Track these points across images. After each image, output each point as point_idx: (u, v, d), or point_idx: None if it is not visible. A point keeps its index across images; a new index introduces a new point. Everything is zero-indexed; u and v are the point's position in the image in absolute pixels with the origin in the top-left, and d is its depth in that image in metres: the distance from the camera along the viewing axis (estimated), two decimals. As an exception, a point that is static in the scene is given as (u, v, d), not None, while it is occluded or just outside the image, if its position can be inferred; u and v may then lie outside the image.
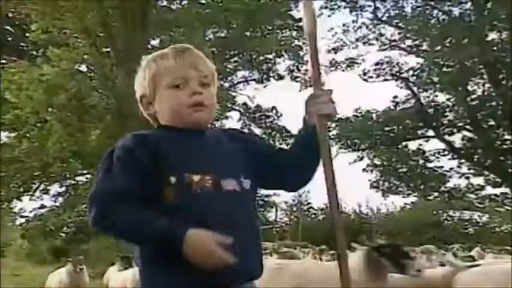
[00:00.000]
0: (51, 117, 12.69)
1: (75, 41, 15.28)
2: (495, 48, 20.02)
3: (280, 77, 20.87)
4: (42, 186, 17.19)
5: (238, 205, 1.37)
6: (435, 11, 21.31)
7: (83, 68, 15.64)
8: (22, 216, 17.53)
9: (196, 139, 1.42)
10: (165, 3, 17.59)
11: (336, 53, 21.98)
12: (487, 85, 20.73)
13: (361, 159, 22.13)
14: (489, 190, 20.41)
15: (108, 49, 15.28)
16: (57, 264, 15.43)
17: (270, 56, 20.02)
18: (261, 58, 19.95)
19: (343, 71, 21.71)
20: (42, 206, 17.62)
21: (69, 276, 7.07)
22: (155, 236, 1.26)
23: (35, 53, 16.97)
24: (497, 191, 20.22)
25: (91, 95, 12.33)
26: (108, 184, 1.32)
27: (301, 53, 20.63)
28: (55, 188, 18.25)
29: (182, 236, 1.23)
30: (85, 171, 17.82)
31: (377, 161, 22.40)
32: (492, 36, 20.29)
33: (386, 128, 21.96)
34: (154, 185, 1.31)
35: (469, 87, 21.05)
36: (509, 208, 16.55)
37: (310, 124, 1.46)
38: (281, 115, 21.19)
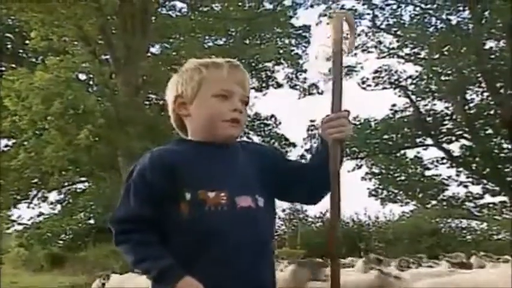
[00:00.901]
0: (49, 126, 12.68)
1: (75, 49, 15.31)
2: (493, 56, 20.13)
3: (279, 85, 20.92)
4: (40, 194, 17.15)
5: (251, 222, 1.38)
6: (433, 19, 21.44)
7: (82, 76, 15.67)
8: (20, 224, 17.46)
9: (216, 154, 1.43)
10: (164, 11, 17.67)
11: (334, 60, 22.00)
12: (485, 93, 20.81)
13: (360, 167, 22.15)
14: (488, 198, 20.43)
15: (108, 57, 15.32)
16: (54, 272, 15.39)
17: (269, 64, 20.08)
18: (260, 66, 20.00)
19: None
20: (40, 214, 17.57)
21: None
22: (155, 273, 1.32)
23: (34, 60, 17.01)
24: (496, 199, 20.23)
25: (89, 102, 12.32)
26: (123, 210, 1.39)
27: (300, 62, 20.72)
28: (53, 196, 18.23)
29: (177, 280, 1.29)
30: (83, 179, 17.81)
31: (375, 169, 22.41)
32: (490, 44, 20.42)
33: (385, 136, 21.99)
34: (170, 202, 1.35)
35: (467, 96, 21.14)
36: (508, 216, 16.53)
37: (325, 141, 1.49)
38: (280, 123, 21.19)
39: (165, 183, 1.36)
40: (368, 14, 21.86)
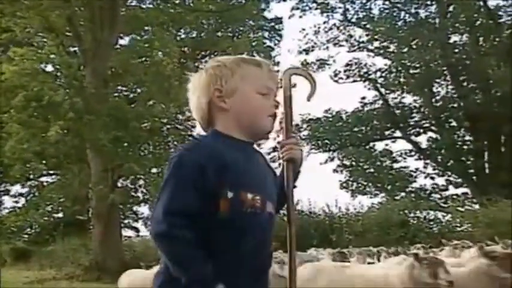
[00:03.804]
0: (11, 119, 12.28)
1: (40, 40, 14.84)
2: (457, 50, 20.67)
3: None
4: (2, 187, 16.66)
5: (271, 227, 1.45)
6: (402, 13, 21.81)
7: (49, 68, 15.23)
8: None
9: (252, 154, 1.49)
10: (134, 2, 17.29)
11: (307, 53, 22.22)
12: (450, 87, 21.37)
13: (332, 159, 22.43)
14: (452, 190, 21.05)
15: (76, 48, 14.93)
16: (19, 267, 14.99)
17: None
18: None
19: (314, 72, 21.95)
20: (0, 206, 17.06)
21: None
22: (192, 278, 1.30)
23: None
24: (459, 191, 20.88)
25: (55, 94, 11.98)
26: (179, 201, 1.33)
27: (273, 54, 20.73)
28: (16, 189, 17.75)
29: None
30: (50, 172, 17.38)
31: (347, 162, 22.73)
32: (454, 38, 20.96)
33: (355, 129, 22.31)
34: (211, 197, 1.35)
35: (434, 89, 21.64)
36: (470, 208, 17.12)
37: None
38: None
39: (216, 177, 1.35)
40: (340, 7, 22.07)
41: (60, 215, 18.33)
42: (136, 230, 18.56)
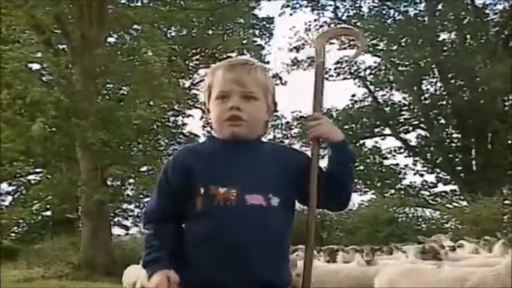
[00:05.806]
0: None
1: (26, 38, 14.66)
2: (445, 48, 20.85)
3: (242, 75, 20.86)
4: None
5: (261, 220, 1.44)
6: (391, 11, 21.93)
7: (36, 66, 15.04)
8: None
9: (235, 152, 1.51)
10: (124, 0, 17.13)
11: (297, 51, 22.24)
12: (439, 84, 21.56)
13: (323, 157, 22.43)
14: (440, 187, 21.23)
15: (64, 46, 14.79)
16: (6, 265, 14.83)
17: (232, 55, 19.98)
18: (223, 56, 19.85)
19: (304, 69, 21.98)
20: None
21: None
22: (145, 262, 1.50)
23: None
24: (447, 188, 21.07)
25: (40, 92, 11.82)
26: (149, 204, 1.58)
27: (263, 53, 20.74)
28: (3, 187, 17.57)
29: (153, 273, 1.44)
30: (38, 170, 17.24)
31: (337, 159, 22.75)
32: (443, 36, 21.14)
33: (346, 126, 22.40)
34: (190, 196, 1.47)
35: (423, 86, 21.81)
36: (457, 205, 17.30)
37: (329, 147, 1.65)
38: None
39: (183, 180, 1.48)
40: (330, 5, 22.13)
41: (49, 213, 18.19)
42: (126, 228, 18.49)
